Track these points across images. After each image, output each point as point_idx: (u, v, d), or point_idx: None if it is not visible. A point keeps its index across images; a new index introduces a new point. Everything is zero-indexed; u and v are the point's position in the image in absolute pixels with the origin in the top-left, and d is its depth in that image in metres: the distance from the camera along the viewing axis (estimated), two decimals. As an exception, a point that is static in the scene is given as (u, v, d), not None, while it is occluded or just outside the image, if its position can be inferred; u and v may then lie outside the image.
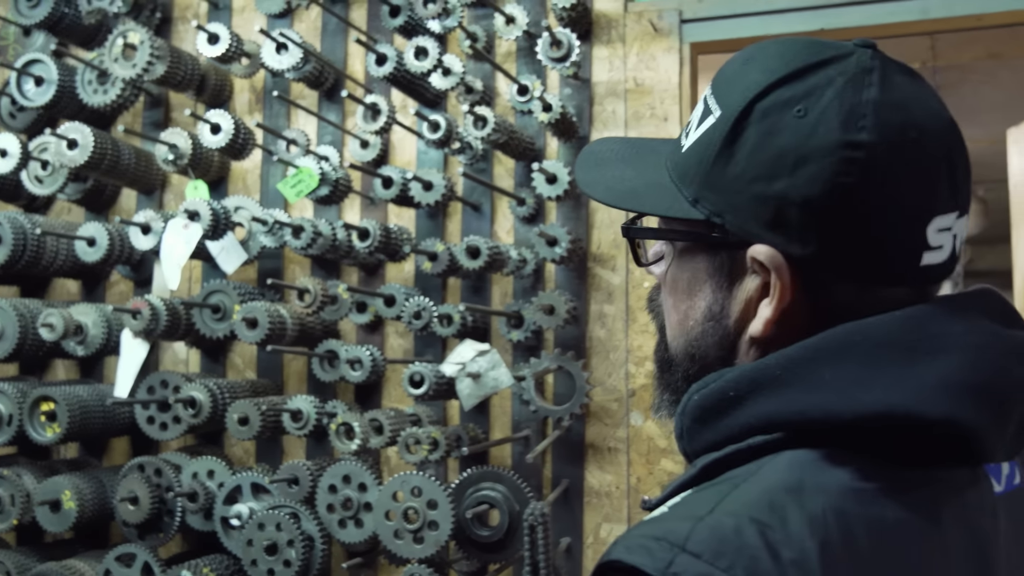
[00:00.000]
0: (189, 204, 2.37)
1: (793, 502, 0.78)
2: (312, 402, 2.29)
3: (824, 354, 0.85)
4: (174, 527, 2.41)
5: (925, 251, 0.87)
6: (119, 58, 2.49)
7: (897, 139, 0.85)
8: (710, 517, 0.77)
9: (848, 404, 0.82)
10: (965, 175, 0.91)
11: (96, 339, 2.55)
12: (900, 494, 0.82)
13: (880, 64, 0.89)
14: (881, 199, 0.85)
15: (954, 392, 0.81)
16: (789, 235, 0.88)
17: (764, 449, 0.86)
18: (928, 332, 0.84)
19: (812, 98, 0.87)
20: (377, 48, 2.33)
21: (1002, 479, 0.91)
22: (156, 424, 2.48)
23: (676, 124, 2.38)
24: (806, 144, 0.86)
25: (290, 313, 2.39)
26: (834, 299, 0.89)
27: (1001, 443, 0.85)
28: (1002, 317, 0.91)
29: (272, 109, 2.71)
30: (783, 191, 0.87)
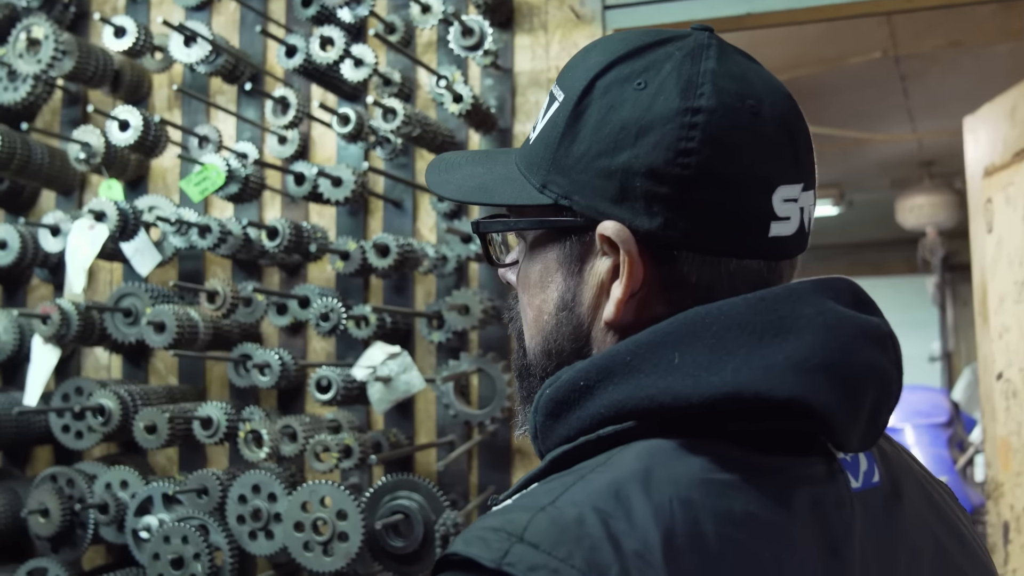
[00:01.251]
0: (95, 204, 2.28)
1: (639, 492, 0.76)
2: (223, 409, 2.20)
3: (673, 338, 0.83)
4: (87, 540, 2.32)
5: (772, 221, 0.87)
6: (24, 53, 2.39)
7: (736, 105, 0.86)
8: (551, 507, 0.75)
9: (696, 387, 0.80)
10: (807, 148, 0.91)
11: (7, 345, 2.46)
12: (751, 486, 0.79)
13: (717, 42, 0.90)
14: (723, 164, 0.85)
15: (802, 371, 0.79)
16: (635, 208, 0.87)
17: (615, 439, 0.83)
18: (778, 314, 0.83)
19: (651, 71, 0.88)
20: (286, 39, 2.24)
21: (859, 475, 0.88)
22: (72, 433, 2.38)
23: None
24: (647, 114, 0.86)
25: (202, 316, 2.30)
26: (686, 275, 0.88)
27: (854, 429, 0.83)
28: (855, 303, 0.89)
29: (190, 105, 2.61)
30: (627, 163, 0.87)
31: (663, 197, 0.86)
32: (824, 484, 0.84)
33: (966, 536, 1.00)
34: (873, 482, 0.89)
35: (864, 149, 6.47)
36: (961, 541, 0.98)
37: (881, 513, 0.89)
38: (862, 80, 4.88)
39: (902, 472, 0.96)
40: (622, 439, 0.83)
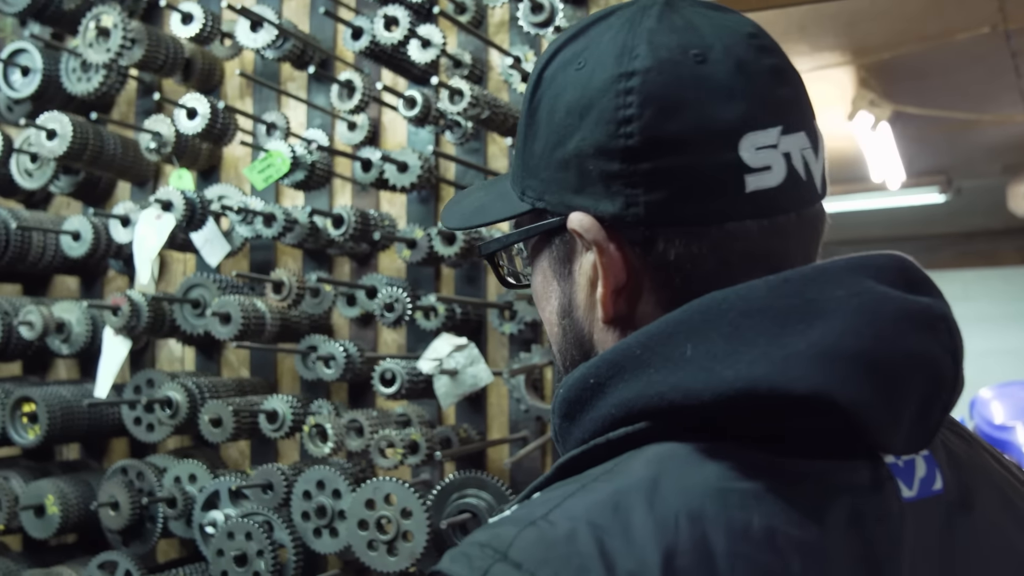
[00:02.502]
0: (162, 194, 2.25)
1: (642, 504, 0.69)
2: (289, 402, 2.14)
3: (686, 327, 0.75)
4: (156, 533, 2.29)
5: (746, 174, 0.77)
6: (93, 43, 2.37)
7: (675, 58, 0.78)
8: (543, 520, 0.69)
9: (708, 382, 0.71)
10: (781, 86, 0.81)
11: (80, 337, 2.45)
12: (775, 496, 0.70)
13: (666, 2, 0.83)
14: (668, 123, 0.77)
15: (828, 362, 0.69)
16: (596, 193, 0.81)
17: (627, 442, 0.76)
18: (804, 297, 0.73)
19: (591, 48, 0.83)
20: (352, 21, 2.17)
21: (914, 483, 0.76)
22: (143, 425, 2.36)
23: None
24: (586, 92, 0.81)
25: (269, 307, 2.25)
26: (664, 254, 0.80)
27: (895, 427, 0.72)
28: (904, 282, 0.77)
29: (262, 93, 2.57)
30: (577, 147, 0.81)
31: (617, 174, 0.79)
32: (867, 494, 0.73)
33: None
34: (934, 490, 0.77)
35: (972, 132, 6.17)
36: None
37: (942, 526, 0.77)
38: (969, 57, 4.62)
39: (977, 477, 0.83)
40: (634, 442, 0.75)
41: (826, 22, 3.97)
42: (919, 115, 5.25)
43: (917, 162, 6.45)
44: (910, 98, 5.09)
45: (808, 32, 4.14)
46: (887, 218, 9.25)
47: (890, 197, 7.84)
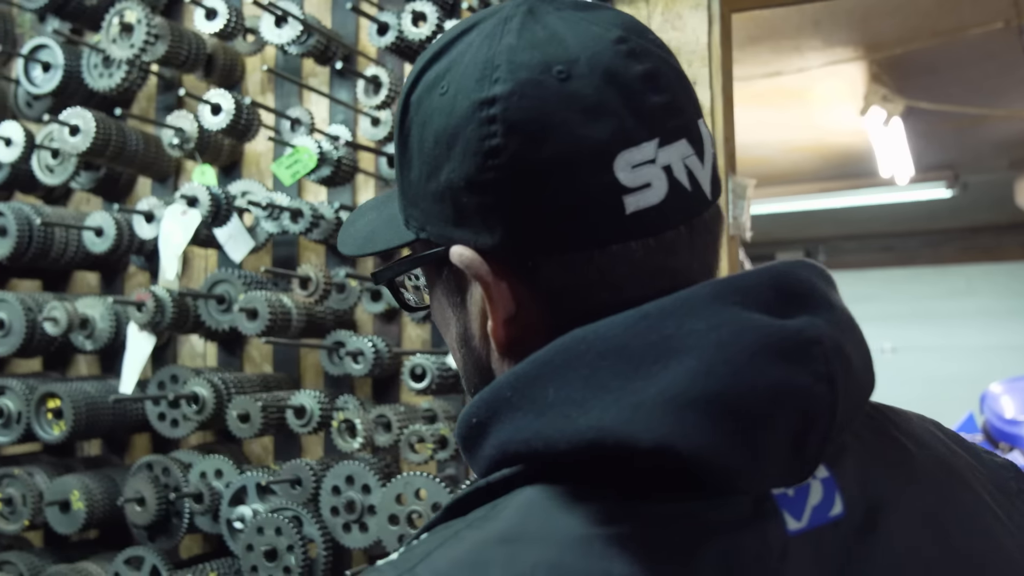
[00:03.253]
0: (187, 190, 2.25)
1: (501, 557, 0.66)
2: (316, 397, 2.15)
3: (550, 368, 0.71)
4: (182, 529, 2.30)
5: (624, 195, 0.73)
6: (117, 39, 2.37)
7: (538, 78, 0.73)
8: (408, 571, 0.68)
9: (564, 430, 0.68)
10: (655, 92, 0.75)
11: (104, 333, 2.45)
12: (639, 542, 0.66)
13: (528, 9, 0.78)
14: (535, 151, 0.73)
15: (674, 410, 0.66)
16: (475, 225, 0.77)
17: (504, 485, 0.73)
18: (661, 334, 0.69)
19: (453, 70, 0.78)
20: (378, 17, 2.17)
21: (805, 512, 0.72)
22: (167, 421, 2.36)
23: (705, 89, 2.18)
24: (450, 120, 0.76)
25: (295, 303, 2.25)
26: (553, 283, 0.76)
27: (755, 467, 0.68)
28: (778, 302, 0.72)
29: (283, 88, 2.57)
30: (449, 179, 0.77)
31: (491, 207, 0.75)
32: (743, 531, 0.69)
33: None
34: (830, 516, 0.73)
35: (981, 127, 6.17)
36: (969, 560, 0.80)
37: (837, 553, 0.73)
38: (981, 53, 4.62)
39: (896, 486, 0.79)
40: (511, 484, 0.72)
41: (840, 18, 3.98)
42: (930, 110, 5.25)
43: (925, 157, 6.45)
44: (921, 93, 5.10)
45: (822, 27, 4.14)
46: (891, 213, 9.26)
47: (896, 192, 7.84)
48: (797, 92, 5.07)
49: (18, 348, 2.44)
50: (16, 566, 2.44)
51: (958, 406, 7.94)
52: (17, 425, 2.40)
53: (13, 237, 2.43)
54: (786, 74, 4.70)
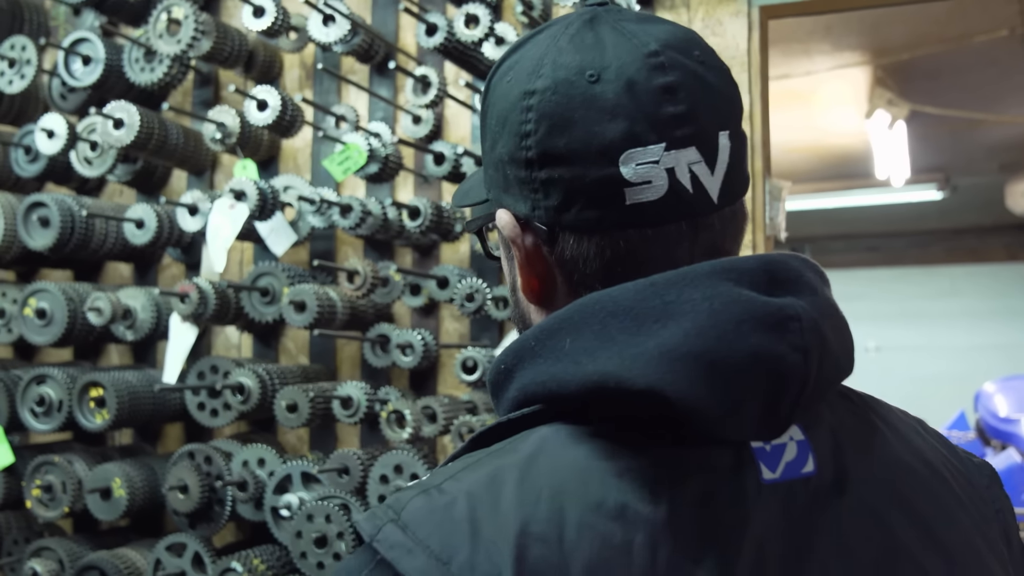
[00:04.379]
0: (235, 184, 2.29)
1: (514, 479, 0.78)
2: (363, 388, 2.20)
3: (568, 323, 0.84)
4: (224, 516, 2.34)
5: (626, 188, 0.85)
6: (163, 34, 2.41)
7: (571, 78, 0.86)
8: (435, 489, 0.79)
9: (575, 374, 0.81)
10: (672, 103, 0.85)
11: (145, 323, 2.49)
12: (633, 476, 0.78)
13: (589, 18, 0.90)
14: (557, 139, 0.86)
15: (667, 361, 0.77)
16: (515, 195, 0.91)
17: (525, 422, 0.85)
18: (663, 299, 0.81)
19: (521, 63, 0.90)
20: (427, 18, 2.22)
21: (779, 466, 0.83)
22: (207, 411, 2.41)
23: (744, 93, 2.24)
24: (506, 104, 0.90)
25: (340, 296, 2.30)
26: (565, 253, 0.90)
27: (731, 419, 0.79)
28: (767, 284, 0.84)
29: (322, 85, 2.61)
30: (500, 154, 0.91)
31: (524, 180, 0.89)
32: (723, 474, 0.81)
33: (961, 538, 0.91)
34: (802, 472, 0.84)
35: (975, 132, 6.28)
36: (939, 543, 0.89)
37: (807, 504, 0.83)
38: (984, 59, 4.72)
39: (869, 462, 0.89)
40: (529, 422, 0.85)
41: (852, 23, 4.06)
42: (928, 114, 5.35)
43: (919, 159, 6.55)
44: (923, 97, 5.19)
45: (833, 32, 4.22)
46: (879, 214, 9.37)
47: (888, 194, 7.94)
48: (802, 94, 5.14)
49: (59, 338, 2.47)
50: (55, 552, 2.48)
51: (942, 405, 8.06)
52: (58, 413, 2.44)
53: (56, 228, 2.46)
54: (794, 76, 4.78)
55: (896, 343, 10.90)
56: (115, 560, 2.37)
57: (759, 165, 2.26)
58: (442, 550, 0.74)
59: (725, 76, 0.92)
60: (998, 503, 0.98)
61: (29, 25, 2.92)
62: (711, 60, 0.90)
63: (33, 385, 2.47)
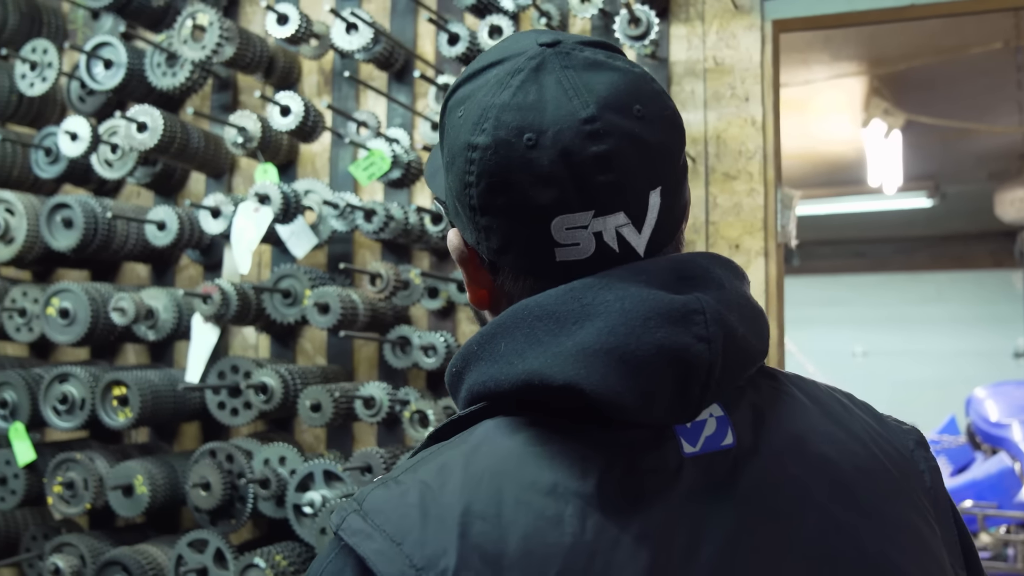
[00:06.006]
0: (259, 187, 2.34)
1: (460, 465, 0.87)
2: (385, 389, 2.26)
3: (501, 329, 0.92)
4: (246, 513, 2.39)
5: (555, 247, 0.92)
6: (188, 40, 2.46)
7: (511, 140, 0.91)
8: (392, 481, 0.88)
9: (507, 373, 0.90)
10: (603, 172, 0.90)
11: (167, 324, 2.54)
12: (564, 457, 0.87)
13: (536, 64, 0.93)
14: (495, 197, 0.92)
15: (583, 357, 0.86)
16: (462, 223, 0.99)
17: (472, 418, 0.94)
18: (581, 302, 0.89)
19: (470, 100, 0.95)
20: (449, 28, 2.27)
21: (699, 440, 0.91)
22: (227, 409, 2.46)
23: (758, 104, 2.30)
24: (455, 144, 0.95)
25: (361, 298, 2.36)
26: (504, 287, 0.99)
27: (646, 405, 0.86)
28: (676, 282, 0.92)
29: (341, 91, 2.67)
30: (450, 184, 0.98)
31: (469, 219, 0.96)
32: (645, 451, 0.89)
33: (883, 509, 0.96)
34: (722, 445, 0.91)
35: (965, 141, 6.39)
36: (860, 503, 0.95)
37: (724, 472, 0.91)
38: (977, 70, 4.82)
39: (790, 432, 0.96)
40: (478, 417, 0.93)
41: (850, 34, 4.14)
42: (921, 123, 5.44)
43: (911, 167, 6.65)
44: (917, 107, 5.28)
45: (831, 42, 4.30)
46: (867, 220, 9.47)
47: (879, 201, 8.04)
48: (798, 103, 5.22)
49: (82, 337, 2.52)
50: (77, 548, 2.52)
51: (926, 409, 8.16)
52: (81, 411, 2.48)
53: (80, 229, 2.51)
54: (791, 86, 4.86)
55: (882, 348, 11.01)
56: (137, 556, 2.41)
57: (771, 174, 2.32)
58: (396, 532, 0.83)
59: (666, 124, 0.95)
60: (923, 464, 1.05)
61: (47, 28, 2.96)
62: (653, 111, 0.94)
63: (56, 383, 2.51)
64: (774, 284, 2.31)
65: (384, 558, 0.82)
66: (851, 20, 2.30)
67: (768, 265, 2.31)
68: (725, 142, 2.33)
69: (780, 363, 2.36)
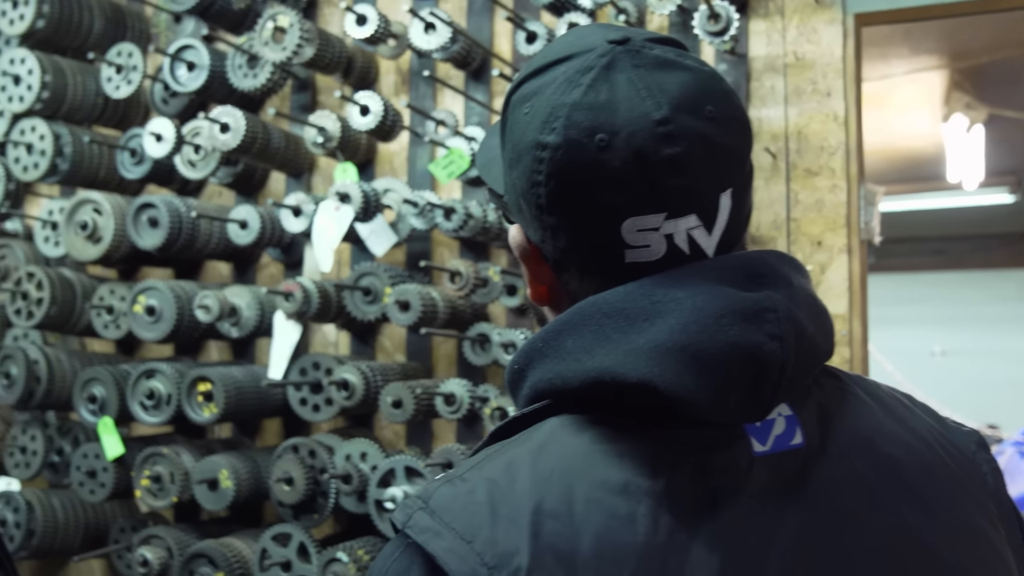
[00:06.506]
0: (340, 186, 2.37)
1: (528, 463, 0.86)
2: (465, 386, 2.27)
3: (568, 326, 0.91)
4: (328, 508, 2.42)
5: (626, 249, 0.91)
6: (269, 41, 2.50)
7: (582, 140, 0.89)
8: (458, 479, 0.88)
9: (575, 371, 0.89)
10: (676, 175, 0.89)
11: (250, 321, 2.58)
12: (634, 455, 0.86)
13: (607, 63, 0.92)
14: (565, 197, 0.91)
15: (656, 355, 0.85)
16: (526, 220, 0.98)
17: (535, 416, 0.93)
18: (652, 299, 0.88)
19: (538, 96, 0.93)
20: (527, 26, 2.28)
21: (769, 439, 0.91)
22: (309, 406, 2.50)
23: (839, 100, 2.27)
24: (521, 141, 0.94)
25: (441, 296, 2.37)
26: (565, 285, 0.98)
27: (720, 404, 0.86)
28: (746, 280, 0.90)
29: (418, 91, 2.69)
30: (513, 180, 0.97)
31: (535, 217, 0.95)
32: (715, 450, 0.87)
33: (952, 513, 0.95)
34: (791, 444, 0.91)
35: (1049, 134, 6.23)
36: (924, 500, 0.94)
37: (794, 470, 0.90)
38: (1061, 62, 4.70)
39: (856, 432, 0.95)
40: (541, 415, 0.92)
41: (931, 27, 4.07)
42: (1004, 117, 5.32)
43: (991, 163, 6.50)
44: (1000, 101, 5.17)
45: (911, 36, 4.23)
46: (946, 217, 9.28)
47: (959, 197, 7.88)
48: (877, 98, 5.14)
49: (167, 334, 2.57)
50: (164, 540, 2.57)
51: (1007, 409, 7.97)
52: (167, 406, 2.53)
53: (165, 229, 2.56)
54: (870, 80, 4.77)
55: (961, 347, 10.77)
56: (222, 549, 2.46)
57: (854, 170, 2.29)
58: (466, 530, 0.83)
59: (736, 126, 0.94)
60: (985, 466, 1.03)
61: (132, 32, 3.03)
62: (724, 112, 0.93)
63: (143, 379, 2.57)
64: (857, 282, 2.28)
65: (455, 556, 0.82)
66: (935, 13, 2.26)
67: (851, 262, 2.28)
68: (806, 138, 2.31)
69: (864, 362, 2.33)
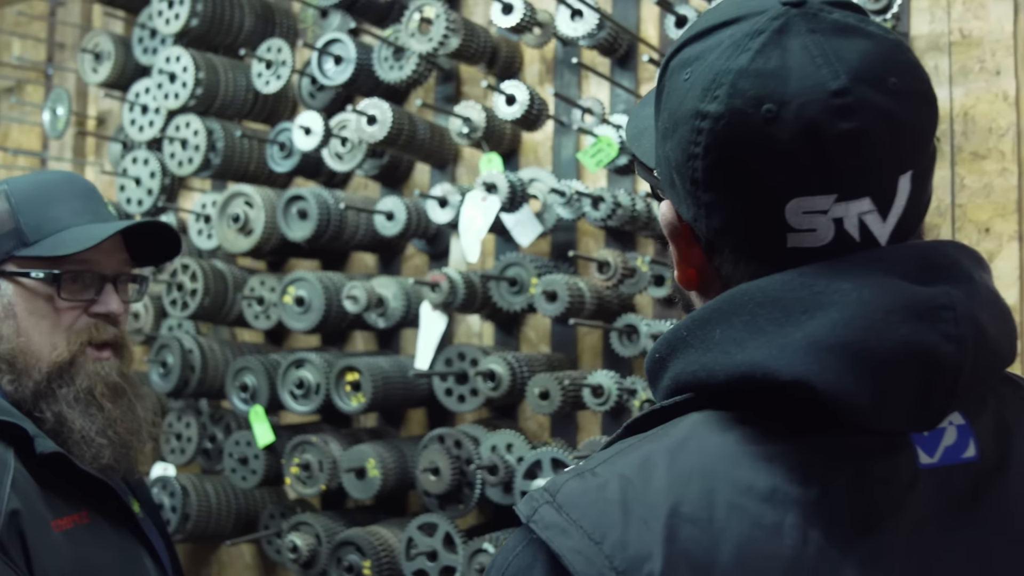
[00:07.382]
0: (487, 177, 2.36)
1: (664, 461, 0.80)
2: (613, 377, 2.23)
3: (717, 314, 0.84)
4: (474, 499, 2.42)
5: (788, 232, 0.83)
6: (415, 33, 2.50)
7: (747, 110, 0.81)
8: (589, 472, 0.82)
9: (723, 364, 0.82)
10: (850, 153, 0.80)
11: (396, 311, 2.60)
12: (784, 460, 0.79)
13: (780, 26, 0.83)
14: (724, 172, 0.83)
15: (815, 351, 0.77)
16: (678, 196, 0.90)
17: (675, 409, 0.87)
18: (812, 290, 0.80)
19: (699, 61, 0.86)
20: (676, 10, 2.22)
21: (937, 450, 0.82)
22: (454, 396, 2.50)
23: (1010, 79, 2.15)
24: (679, 109, 0.86)
25: (587, 286, 2.34)
26: (718, 268, 0.90)
27: (885, 410, 0.78)
28: (920, 272, 0.81)
29: (563, 79, 2.66)
30: (667, 152, 0.89)
31: (689, 191, 0.87)
32: (874, 460, 0.80)
33: None
34: (963, 457, 0.82)
35: None
36: None
37: (965, 489, 0.82)
38: None
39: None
40: (681, 409, 0.86)
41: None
42: None
43: None
44: None
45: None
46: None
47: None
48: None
49: (316, 324, 2.61)
50: (312, 527, 2.62)
51: None
52: (316, 396, 2.57)
53: (314, 220, 2.60)
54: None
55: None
56: (370, 537, 2.48)
57: (1026, 153, 2.17)
58: (595, 530, 0.78)
59: (921, 101, 0.84)
60: None
61: (280, 28, 3.08)
62: (907, 85, 0.83)
63: (293, 369, 2.62)
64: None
65: (581, 557, 0.77)
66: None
67: (1022, 250, 2.15)
68: (973, 119, 2.19)
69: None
